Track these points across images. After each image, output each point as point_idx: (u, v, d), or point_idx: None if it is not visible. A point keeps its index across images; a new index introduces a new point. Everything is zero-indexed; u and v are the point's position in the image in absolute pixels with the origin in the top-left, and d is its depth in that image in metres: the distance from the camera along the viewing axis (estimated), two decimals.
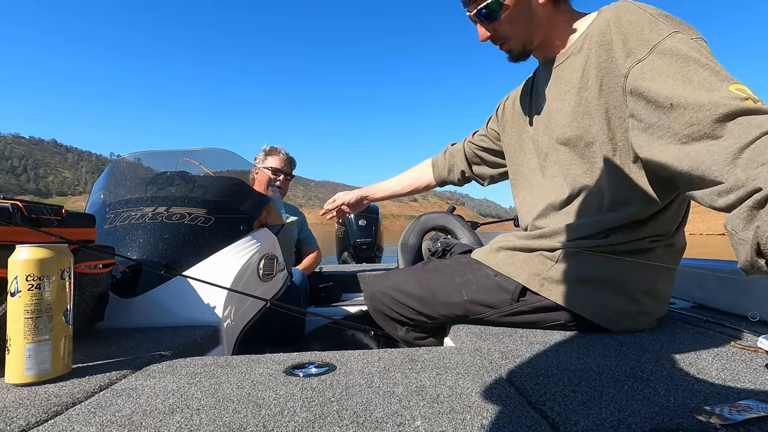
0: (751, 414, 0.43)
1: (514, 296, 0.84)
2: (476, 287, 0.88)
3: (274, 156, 2.10)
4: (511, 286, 0.84)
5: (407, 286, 0.98)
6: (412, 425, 0.44)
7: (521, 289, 0.83)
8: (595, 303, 0.78)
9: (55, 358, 0.59)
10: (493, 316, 0.87)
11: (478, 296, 0.87)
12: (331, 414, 0.47)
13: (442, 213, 2.84)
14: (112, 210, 1.12)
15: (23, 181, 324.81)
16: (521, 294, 0.83)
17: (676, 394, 0.50)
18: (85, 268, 0.79)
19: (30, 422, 0.46)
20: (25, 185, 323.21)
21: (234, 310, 1.00)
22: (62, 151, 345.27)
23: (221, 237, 1.09)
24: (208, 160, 1.46)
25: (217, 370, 0.64)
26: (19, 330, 0.57)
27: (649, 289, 0.80)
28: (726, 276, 1.04)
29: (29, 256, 0.58)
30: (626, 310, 0.79)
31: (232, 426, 0.45)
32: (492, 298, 0.86)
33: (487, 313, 0.87)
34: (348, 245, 3.23)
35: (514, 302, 0.84)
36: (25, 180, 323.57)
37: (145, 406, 0.51)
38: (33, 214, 0.72)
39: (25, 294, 0.57)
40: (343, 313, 1.83)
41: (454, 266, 0.97)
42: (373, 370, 0.62)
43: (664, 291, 0.82)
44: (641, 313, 0.80)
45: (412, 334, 1.03)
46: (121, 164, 1.38)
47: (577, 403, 0.48)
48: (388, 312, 1.02)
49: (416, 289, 0.96)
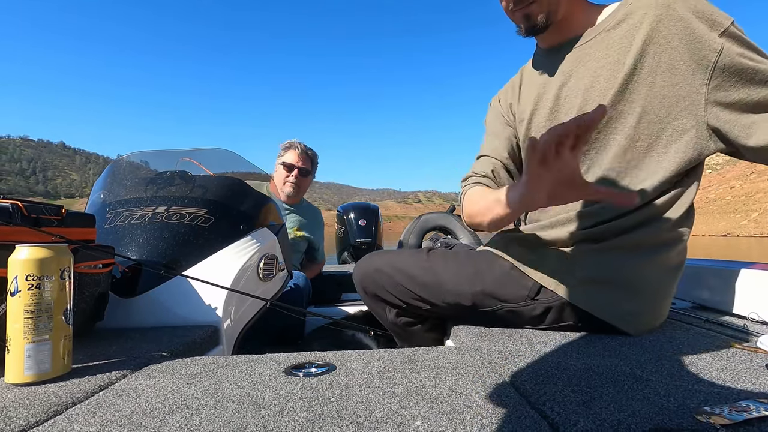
0: (751, 414, 0.43)
1: (531, 293, 0.81)
2: (490, 279, 0.85)
3: (290, 151, 2.00)
4: (528, 282, 0.82)
5: (409, 268, 0.92)
6: (411, 425, 0.44)
7: (539, 287, 0.81)
8: (612, 303, 0.77)
9: (54, 358, 0.59)
10: (503, 310, 0.84)
11: (492, 289, 0.84)
12: (331, 414, 0.47)
13: (442, 213, 2.83)
14: (112, 210, 1.12)
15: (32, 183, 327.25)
16: (538, 292, 0.81)
17: (676, 394, 0.50)
18: (85, 267, 0.79)
19: (30, 422, 0.46)
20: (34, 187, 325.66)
21: (234, 310, 1.00)
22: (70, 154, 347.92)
23: (221, 237, 1.09)
24: (208, 159, 1.46)
25: (217, 370, 0.64)
26: (18, 330, 0.57)
27: (662, 289, 0.79)
28: (726, 276, 1.04)
29: (29, 255, 0.58)
30: (641, 309, 0.77)
31: (232, 426, 0.45)
32: (507, 292, 0.83)
33: (499, 306, 0.84)
34: (348, 245, 3.24)
35: (530, 299, 0.81)
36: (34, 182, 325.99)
37: (145, 405, 0.51)
38: (33, 213, 0.72)
39: (24, 294, 0.57)
40: (342, 313, 1.83)
41: (465, 256, 0.93)
42: (372, 370, 0.62)
43: (673, 291, 0.82)
44: (655, 312, 0.79)
45: (402, 319, 0.99)
46: (121, 164, 1.38)
47: (577, 404, 0.48)
48: (380, 292, 0.96)
49: (419, 273, 0.91)
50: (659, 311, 0.81)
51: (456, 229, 2.67)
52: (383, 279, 0.95)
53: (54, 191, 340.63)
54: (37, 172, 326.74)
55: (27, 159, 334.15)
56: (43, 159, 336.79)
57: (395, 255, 0.97)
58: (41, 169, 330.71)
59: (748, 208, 78.74)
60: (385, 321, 1.03)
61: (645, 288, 0.77)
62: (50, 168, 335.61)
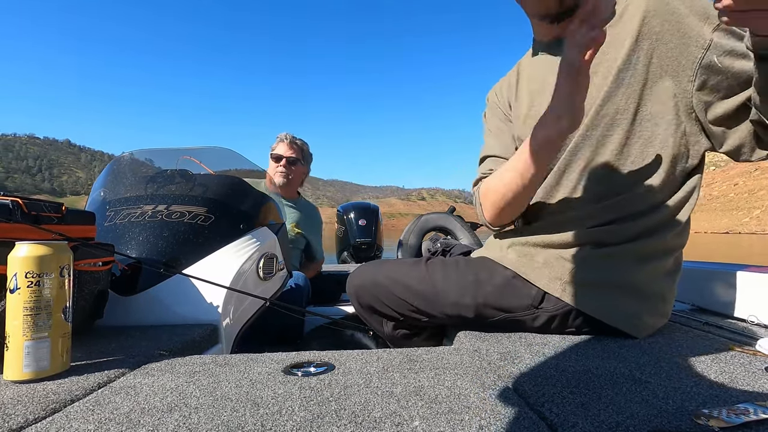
0: (750, 417, 0.43)
1: (535, 302, 0.79)
2: (491, 289, 0.82)
3: (278, 143, 2.06)
4: (531, 291, 0.79)
5: (407, 279, 0.89)
6: (410, 425, 0.44)
7: (543, 294, 0.78)
8: (618, 307, 0.75)
9: (53, 356, 0.59)
10: (506, 320, 0.82)
11: (493, 299, 0.82)
12: (330, 414, 0.47)
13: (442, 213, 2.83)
14: (112, 208, 1.12)
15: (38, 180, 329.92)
16: (542, 300, 0.79)
17: (674, 396, 0.50)
18: (85, 265, 0.79)
19: (28, 419, 0.46)
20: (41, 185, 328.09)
21: (233, 309, 1.00)
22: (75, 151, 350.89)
23: (221, 235, 1.09)
24: (208, 158, 1.46)
25: (216, 369, 0.64)
26: (18, 327, 0.57)
27: (666, 290, 0.79)
28: (725, 279, 1.04)
29: (29, 253, 0.58)
30: (646, 311, 0.77)
31: (231, 425, 0.45)
32: (510, 302, 0.81)
33: (502, 316, 0.82)
34: (348, 245, 3.24)
35: (534, 308, 0.79)
36: (41, 180, 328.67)
37: (144, 404, 0.51)
38: (33, 211, 0.72)
39: (24, 291, 0.57)
40: (342, 313, 1.83)
41: (465, 264, 0.89)
42: (371, 370, 0.62)
43: (674, 291, 0.82)
44: (660, 313, 0.79)
45: (400, 332, 0.97)
46: (121, 162, 1.38)
47: (576, 405, 0.48)
48: (377, 304, 0.93)
49: (417, 284, 0.88)
50: (663, 311, 0.80)
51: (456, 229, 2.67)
52: (379, 291, 0.92)
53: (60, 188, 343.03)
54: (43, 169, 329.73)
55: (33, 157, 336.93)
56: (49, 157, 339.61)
57: (392, 265, 0.94)
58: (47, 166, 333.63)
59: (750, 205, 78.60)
60: (381, 333, 1.00)
61: (649, 290, 0.76)
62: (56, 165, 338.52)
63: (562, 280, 0.77)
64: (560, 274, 0.78)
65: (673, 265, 0.79)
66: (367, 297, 0.95)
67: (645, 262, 0.75)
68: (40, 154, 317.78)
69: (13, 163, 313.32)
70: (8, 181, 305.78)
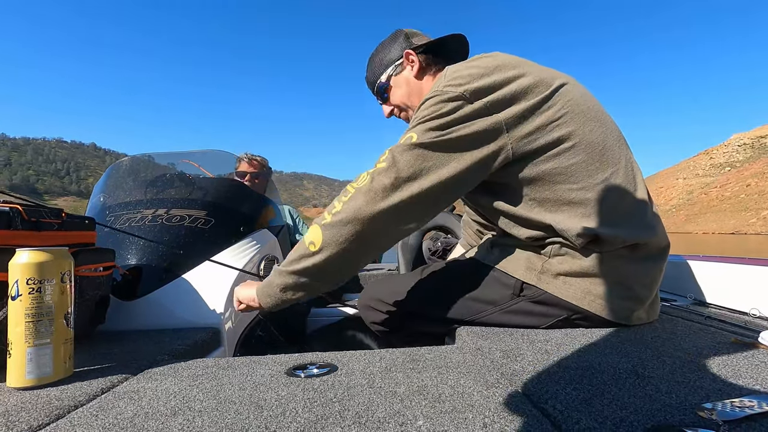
0: (753, 410, 0.43)
1: (515, 291, 0.85)
2: (475, 284, 0.89)
3: (240, 162, 2.27)
4: (510, 281, 0.86)
5: (406, 292, 0.97)
6: (414, 425, 0.44)
7: (521, 284, 0.84)
8: (591, 294, 0.80)
9: (56, 362, 0.59)
10: (495, 312, 0.87)
11: (477, 293, 0.88)
12: (333, 415, 0.47)
13: (443, 213, 2.83)
14: (112, 213, 1.12)
15: (66, 183, 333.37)
16: (521, 289, 0.84)
17: (677, 391, 0.50)
18: (86, 271, 0.79)
19: (32, 426, 0.46)
20: (68, 187, 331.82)
21: (235, 312, 1.00)
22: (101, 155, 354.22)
23: (221, 238, 1.09)
24: (207, 161, 1.46)
25: (219, 372, 0.64)
26: (20, 333, 0.57)
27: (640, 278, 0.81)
28: (727, 272, 1.04)
29: (30, 259, 0.58)
30: (618, 297, 0.80)
31: (234, 428, 0.45)
32: (492, 293, 0.87)
33: (489, 310, 0.87)
34: None
35: (515, 297, 0.85)
36: (68, 182, 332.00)
37: (147, 408, 0.51)
38: (33, 217, 0.72)
39: (25, 297, 0.57)
40: (344, 313, 1.83)
41: (457, 268, 0.98)
42: (374, 370, 0.62)
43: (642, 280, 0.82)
44: (635, 299, 0.81)
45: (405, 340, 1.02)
46: (120, 167, 1.38)
47: (579, 401, 0.48)
48: (383, 322, 1.01)
49: (416, 297, 0.96)
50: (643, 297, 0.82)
51: (456, 228, 2.66)
52: (382, 307, 0.99)
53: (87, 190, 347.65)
54: (70, 172, 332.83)
55: (61, 160, 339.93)
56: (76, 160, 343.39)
57: (393, 281, 1.02)
58: (74, 169, 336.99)
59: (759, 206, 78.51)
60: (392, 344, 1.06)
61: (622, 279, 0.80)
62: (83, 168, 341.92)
63: (537, 270, 0.84)
64: (535, 265, 0.84)
65: (628, 253, 0.80)
66: (372, 315, 1.02)
67: (599, 253, 0.79)
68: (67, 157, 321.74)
69: (42, 166, 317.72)
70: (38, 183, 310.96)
